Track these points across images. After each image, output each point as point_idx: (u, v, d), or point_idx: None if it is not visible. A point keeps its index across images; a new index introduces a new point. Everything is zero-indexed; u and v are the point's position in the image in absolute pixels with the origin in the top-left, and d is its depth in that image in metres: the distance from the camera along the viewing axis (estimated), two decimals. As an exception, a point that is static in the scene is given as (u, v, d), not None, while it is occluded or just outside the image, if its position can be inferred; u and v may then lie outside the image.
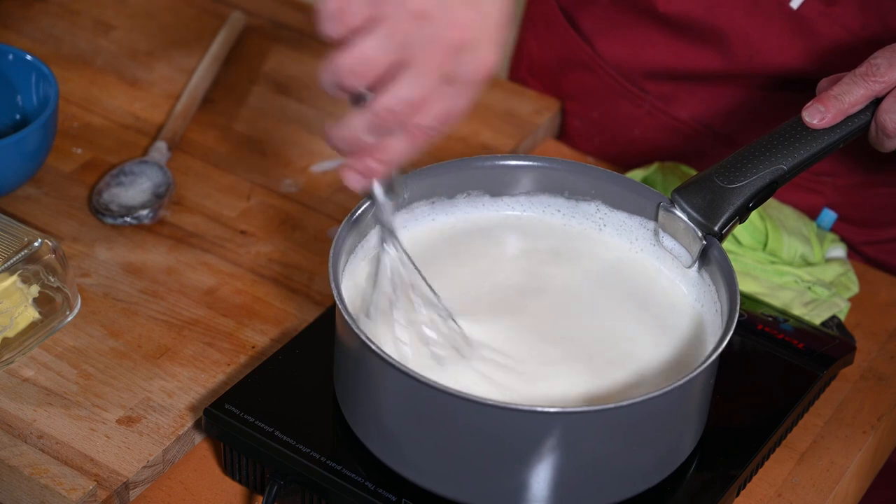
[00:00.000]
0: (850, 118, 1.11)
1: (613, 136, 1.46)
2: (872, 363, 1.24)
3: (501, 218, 1.17)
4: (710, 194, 1.10)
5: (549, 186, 1.17)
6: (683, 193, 1.11)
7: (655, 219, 1.14)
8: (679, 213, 1.11)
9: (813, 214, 1.36)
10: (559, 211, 1.17)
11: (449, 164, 1.15)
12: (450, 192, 1.16)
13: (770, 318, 1.21)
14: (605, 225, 1.16)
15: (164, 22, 1.53)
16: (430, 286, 1.06)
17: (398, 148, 0.99)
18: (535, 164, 1.17)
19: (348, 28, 0.95)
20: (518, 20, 1.56)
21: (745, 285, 1.26)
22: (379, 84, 0.96)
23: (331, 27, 0.96)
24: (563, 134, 1.50)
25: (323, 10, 0.95)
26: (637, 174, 1.35)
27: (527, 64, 1.53)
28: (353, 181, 1.01)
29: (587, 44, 1.44)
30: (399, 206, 1.10)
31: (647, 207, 1.15)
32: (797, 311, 1.25)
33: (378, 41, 0.95)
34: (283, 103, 1.45)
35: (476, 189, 1.16)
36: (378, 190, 1.03)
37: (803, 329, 1.21)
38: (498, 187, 1.17)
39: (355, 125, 0.98)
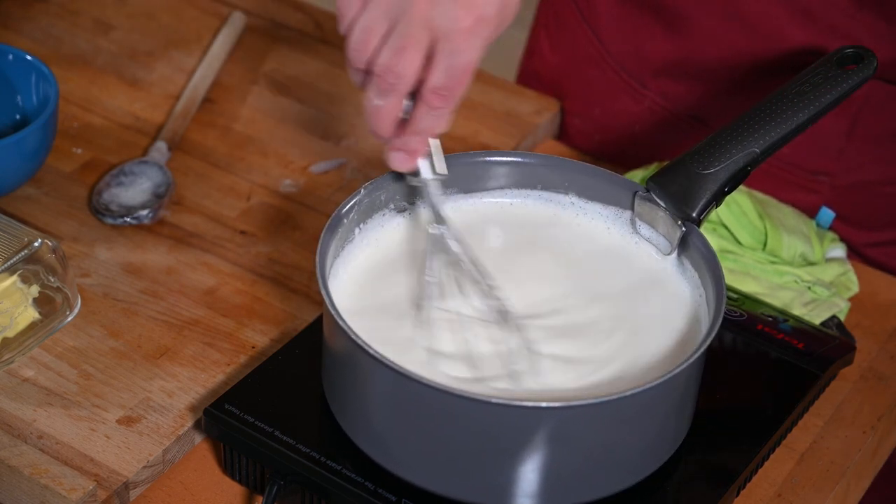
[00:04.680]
0: (817, 97, 1.12)
1: (613, 133, 1.46)
2: (872, 363, 1.24)
3: (479, 211, 1.17)
4: (685, 181, 1.11)
5: (523, 181, 1.17)
6: (659, 181, 1.12)
7: (631, 208, 1.14)
8: (656, 201, 1.12)
9: (811, 214, 1.36)
10: (534, 204, 1.17)
11: None
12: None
13: (770, 318, 1.21)
14: (580, 216, 1.17)
15: (164, 22, 1.53)
16: (482, 271, 1.10)
17: (425, 118, 1.06)
18: (508, 159, 1.17)
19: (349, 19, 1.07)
20: (528, 26, 1.57)
21: (745, 285, 1.26)
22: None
23: (341, 27, 1.08)
24: (563, 134, 1.50)
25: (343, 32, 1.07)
26: (636, 174, 1.35)
27: (535, 67, 1.54)
28: (398, 161, 1.09)
29: (596, 38, 1.45)
30: (445, 184, 1.14)
31: (622, 197, 1.15)
32: (797, 311, 1.25)
33: (368, 14, 1.05)
34: (283, 103, 1.45)
35: (450, 187, 1.16)
36: (424, 168, 1.10)
37: (803, 329, 1.21)
38: (472, 184, 1.17)
39: (369, 96, 1.06)
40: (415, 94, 1.07)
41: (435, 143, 1.09)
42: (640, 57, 1.42)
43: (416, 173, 1.10)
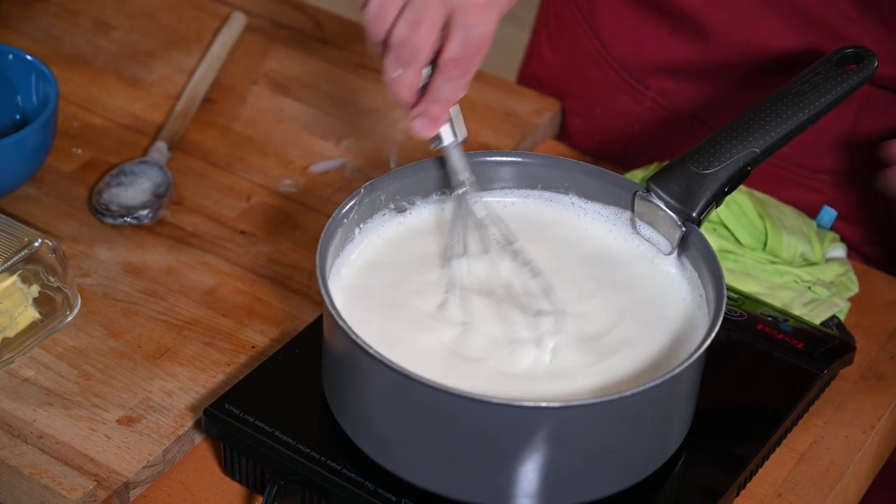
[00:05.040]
0: (817, 97, 1.12)
1: (614, 133, 1.46)
2: (872, 363, 1.24)
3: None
4: (685, 181, 1.11)
5: (523, 181, 1.17)
6: (659, 181, 1.12)
7: (631, 208, 1.14)
8: (657, 201, 1.12)
9: (812, 213, 1.36)
10: (534, 204, 1.17)
11: (422, 163, 1.15)
12: (425, 192, 1.16)
13: (770, 318, 1.21)
14: (580, 216, 1.17)
15: (164, 22, 1.53)
16: (508, 234, 1.12)
17: (443, 87, 1.08)
18: (508, 159, 1.17)
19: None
20: (529, 26, 1.57)
21: (745, 285, 1.26)
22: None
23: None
24: (564, 134, 1.50)
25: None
26: (636, 174, 1.35)
27: (535, 70, 1.54)
28: (421, 127, 1.10)
29: (596, 37, 1.45)
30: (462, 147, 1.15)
31: (622, 197, 1.15)
32: (797, 311, 1.25)
33: None
34: (283, 103, 1.45)
35: (450, 187, 1.16)
36: (445, 133, 1.11)
37: (803, 329, 1.21)
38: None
39: (386, 66, 1.07)
40: (433, 62, 1.08)
41: (454, 109, 1.10)
42: (641, 56, 1.42)
43: (437, 139, 1.11)
